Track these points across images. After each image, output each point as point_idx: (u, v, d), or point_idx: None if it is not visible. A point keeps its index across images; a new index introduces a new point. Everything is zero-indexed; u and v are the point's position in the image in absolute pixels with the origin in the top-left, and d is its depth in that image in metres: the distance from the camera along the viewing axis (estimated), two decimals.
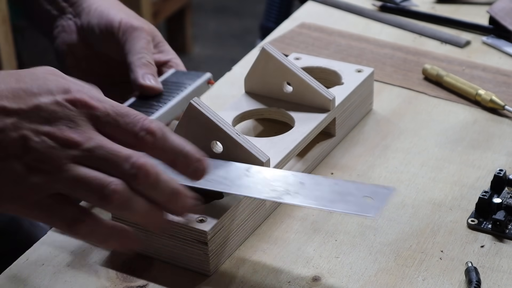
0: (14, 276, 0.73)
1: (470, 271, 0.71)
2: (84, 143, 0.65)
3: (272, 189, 0.71)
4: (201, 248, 0.71)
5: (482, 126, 0.91)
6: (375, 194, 0.69)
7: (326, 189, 0.70)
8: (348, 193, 0.69)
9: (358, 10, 1.16)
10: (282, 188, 0.70)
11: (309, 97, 0.85)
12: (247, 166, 0.74)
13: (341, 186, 0.70)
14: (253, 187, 0.71)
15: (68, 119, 0.65)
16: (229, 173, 0.73)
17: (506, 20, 1.08)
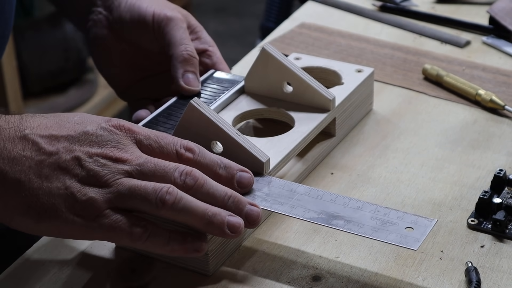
0: (14, 276, 0.73)
1: (470, 271, 0.71)
2: (134, 160, 0.69)
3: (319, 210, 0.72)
4: None
5: (482, 126, 0.91)
6: (416, 224, 0.70)
7: (367, 214, 0.71)
8: (389, 222, 0.70)
9: (358, 10, 1.16)
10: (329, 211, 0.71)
11: (309, 97, 0.85)
12: (289, 184, 0.74)
13: (382, 213, 0.71)
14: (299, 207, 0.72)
15: (115, 141, 0.69)
16: (271, 189, 0.74)
17: (506, 20, 1.08)
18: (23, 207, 0.67)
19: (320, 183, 0.83)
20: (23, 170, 0.67)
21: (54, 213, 0.67)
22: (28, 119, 0.69)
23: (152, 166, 0.69)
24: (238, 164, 0.74)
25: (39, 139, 0.68)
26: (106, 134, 0.69)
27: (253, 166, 0.76)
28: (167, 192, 0.67)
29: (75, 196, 0.67)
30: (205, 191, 0.69)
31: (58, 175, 0.67)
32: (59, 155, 0.68)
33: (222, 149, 0.77)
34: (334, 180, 0.83)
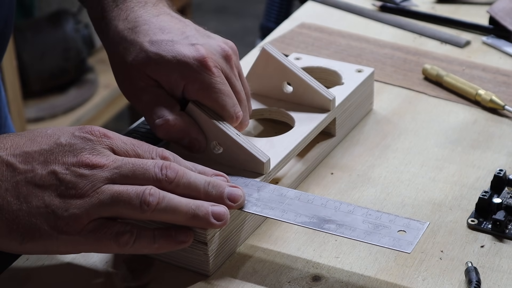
0: (14, 276, 0.73)
1: (470, 271, 0.71)
2: (111, 164, 0.68)
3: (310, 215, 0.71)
4: (201, 248, 0.71)
5: (482, 126, 0.91)
6: (409, 227, 0.69)
7: (359, 218, 0.71)
8: (381, 225, 0.70)
9: (358, 10, 1.16)
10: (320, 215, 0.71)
11: (309, 97, 0.85)
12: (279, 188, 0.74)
13: (374, 217, 0.71)
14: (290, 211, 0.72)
15: (90, 148, 0.68)
16: (261, 195, 0.74)
17: (506, 20, 1.08)
18: (6, 230, 0.66)
19: (320, 183, 0.83)
20: (1, 194, 0.66)
21: (38, 233, 0.66)
22: (1, 140, 0.68)
23: (131, 166, 0.68)
24: (239, 164, 0.74)
25: (13, 159, 0.67)
26: (80, 142, 0.68)
27: (253, 166, 0.76)
28: (150, 194, 0.67)
29: (56, 213, 0.66)
30: (186, 181, 0.69)
31: (37, 193, 0.66)
32: (34, 172, 0.67)
33: (222, 150, 0.77)
34: (334, 180, 0.83)
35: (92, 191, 0.67)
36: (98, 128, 0.70)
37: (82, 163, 0.67)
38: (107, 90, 2.22)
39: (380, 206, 0.80)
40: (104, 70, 2.28)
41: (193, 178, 0.69)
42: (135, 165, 0.68)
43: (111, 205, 0.67)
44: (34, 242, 0.67)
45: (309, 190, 0.82)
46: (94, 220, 0.67)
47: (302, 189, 0.82)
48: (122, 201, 0.66)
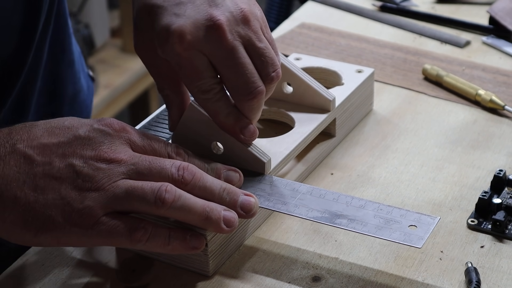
0: (14, 276, 0.73)
1: (470, 271, 0.71)
2: (128, 160, 0.68)
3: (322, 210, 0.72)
4: None
5: (482, 126, 0.91)
6: (420, 222, 0.70)
7: (370, 213, 0.71)
8: (392, 220, 0.70)
9: (358, 10, 1.16)
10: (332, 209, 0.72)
11: (309, 98, 0.85)
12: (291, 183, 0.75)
13: (385, 212, 0.71)
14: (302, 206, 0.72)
15: (109, 142, 0.68)
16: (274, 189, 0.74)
17: (506, 20, 1.08)
18: (21, 222, 0.66)
19: (320, 183, 0.83)
20: (19, 186, 0.66)
21: (52, 225, 0.66)
22: (17, 131, 0.68)
23: (147, 163, 0.68)
24: (240, 165, 0.74)
25: (31, 151, 0.67)
26: (99, 136, 0.68)
27: (254, 167, 0.76)
28: (166, 191, 0.67)
29: (71, 205, 0.66)
30: (202, 185, 0.69)
31: (53, 185, 0.66)
32: (52, 165, 0.67)
33: (223, 150, 0.77)
34: (334, 181, 0.83)
35: (107, 184, 0.67)
36: (117, 121, 0.70)
37: (100, 157, 0.67)
38: (107, 90, 2.22)
39: None
40: (104, 70, 2.28)
41: (210, 183, 0.70)
42: (152, 162, 0.68)
43: (125, 199, 0.67)
44: (48, 234, 0.67)
45: None
46: (108, 214, 0.67)
47: None
48: (137, 196, 0.67)
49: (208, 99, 0.73)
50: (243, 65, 0.71)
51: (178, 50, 0.71)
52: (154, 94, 2.43)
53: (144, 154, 0.70)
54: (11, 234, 0.67)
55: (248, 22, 0.72)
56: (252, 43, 0.72)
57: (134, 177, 0.68)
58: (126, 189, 0.67)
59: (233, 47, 0.71)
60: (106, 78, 2.26)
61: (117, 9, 2.45)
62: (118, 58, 2.36)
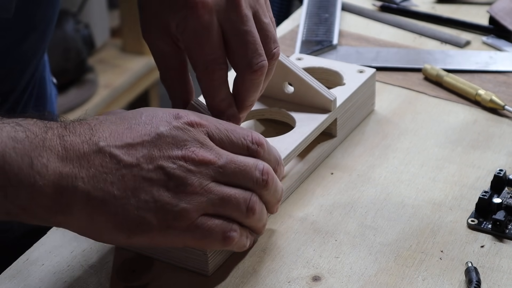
0: (14, 276, 0.73)
1: (470, 271, 0.71)
2: (217, 160, 0.68)
3: None
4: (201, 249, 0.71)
5: (482, 126, 0.91)
6: None
7: None
8: None
9: (358, 10, 1.16)
10: None
11: (310, 98, 0.85)
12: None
13: None
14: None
15: (193, 140, 0.67)
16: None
17: (506, 20, 1.08)
18: (112, 224, 0.65)
19: (321, 183, 0.83)
20: (106, 187, 0.64)
21: (146, 227, 0.65)
22: (98, 128, 0.66)
23: (233, 166, 0.68)
24: None
25: (116, 151, 0.65)
26: (181, 134, 0.67)
27: None
28: (256, 202, 0.69)
29: (166, 208, 0.65)
30: (274, 189, 0.71)
31: (144, 187, 0.65)
32: (140, 166, 0.65)
33: None
34: (334, 180, 0.83)
35: (200, 188, 0.67)
36: (193, 116, 0.69)
37: (188, 158, 0.67)
38: (107, 90, 2.22)
39: (380, 206, 0.80)
40: (104, 70, 2.28)
41: (279, 187, 0.72)
42: (237, 165, 0.68)
43: (220, 205, 0.67)
44: (142, 236, 0.66)
45: (310, 191, 0.82)
46: (201, 216, 0.67)
47: (302, 190, 0.82)
48: (231, 204, 0.68)
49: (211, 79, 0.73)
50: (252, 34, 0.72)
51: (200, 12, 0.71)
52: (154, 94, 2.43)
53: (222, 146, 0.69)
54: (101, 235, 0.67)
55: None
56: (259, 16, 0.74)
57: (221, 179, 0.68)
58: (221, 196, 0.67)
59: (246, 14, 0.72)
60: (106, 78, 2.26)
61: (117, 9, 2.45)
62: (118, 58, 2.36)
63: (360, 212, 0.79)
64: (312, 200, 0.81)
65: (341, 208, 0.80)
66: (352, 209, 0.80)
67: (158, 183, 0.66)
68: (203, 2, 0.71)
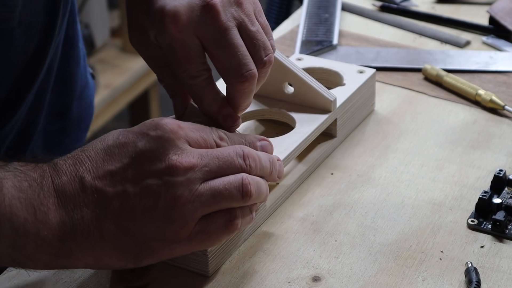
0: (14, 276, 0.73)
1: (470, 271, 0.71)
2: (199, 163, 0.67)
3: None
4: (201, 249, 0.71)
5: (482, 126, 0.91)
6: None
7: None
8: None
9: (358, 10, 1.16)
10: None
11: (310, 98, 0.85)
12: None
13: None
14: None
15: (172, 147, 0.66)
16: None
17: (506, 20, 1.08)
18: (116, 257, 0.66)
19: (321, 183, 0.83)
20: (101, 225, 0.64)
21: (151, 251, 0.66)
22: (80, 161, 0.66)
23: (217, 161, 0.68)
24: None
25: (100, 183, 0.65)
26: (159, 144, 0.66)
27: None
28: (249, 184, 0.68)
29: (164, 226, 0.65)
30: (260, 166, 0.71)
31: (138, 213, 0.65)
32: (127, 193, 0.65)
33: None
34: (334, 181, 0.83)
35: (191, 195, 0.66)
36: (167, 121, 0.67)
37: (172, 167, 0.66)
38: (107, 90, 2.22)
39: (380, 206, 0.80)
40: (104, 70, 2.28)
41: (264, 161, 0.71)
42: (220, 159, 0.68)
43: (213, 202, 0.67)
44: (149, 258, 0.66)
45: (310, 191, 0.82)
46: (200, 220, 0.67)
47: (302, 190, 0.82)
48: (225, 197, 0.67)
49: (195, 85, 0.72)
50: (235, 46, 0.71)
51: (172, 31, 0.70)
52: (154, 94, 2.43)
53: (199, 147, 0.69)
54: (110, 266, 0.67)
55: (241, 5, 0.72)
56: (245, 25, 0.72)
57: (209, 177, 0.67)
58: (211, 193, 0.67)
59: (227, 27, 0.71)
60: (106, 78, 2.26)
61: (117, 9, 2.45)
62: (118, 58, 2.36)
63: (360, 212, 0.79)
64: (312, 200, 0.81)
65: (341, 208, 0.80)
66: (352, 209, 0.80)
67: (149, 206, 0.65)
68: (175, 20, 0.70)
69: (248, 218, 0.70)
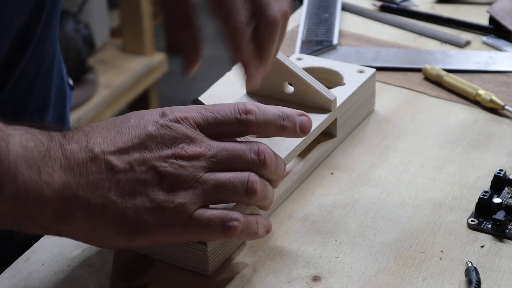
0: (14, 276, 0.73)
1: (470, 271, 0.71)
2: (206, 152, 0.68)
3: None
4: (200, 249, 0.71)
5: (482, 126, 0.91)
6: None
7: None
8: None
9: (358, 10, 1.16)
10: None
11: (310, 98, 0.85)
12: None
13: None
14: None
15: (182, 136, 0.68)
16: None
17: (506, 20, 1.08)
18: (113, 229, 0.66)
19: (321, 183, 0.83)
20: (104, 194, 0.65)
21: (146, 228, 0.66)
22: (91, 134, 0.67)
23: (226, 153, 0.69)
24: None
25: (110, 157, 0.66)
26: (169, 132, 0.68)
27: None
28: (255, 181, 0.68)
29: (162, 206, 0.66)
30: (274, 166, 0.70)
31: (140, 189, 0.66)
32: (134, 170, 0.66)
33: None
34: (334, 180, 0.83)
35: (194, 181, 0.67)
36: (178, 112, 0.69)
37: (178, 154, 0.67)
38: (107, 90, 2.22)
39: (380, 206, 0.80)
40: (104, 70, 2.28)
41: (279, 162, 0.71)
42: (230, 152, 0.69)
43: (216, 193, 0.68)
44: (143, 237, 0.67)
45: (310, 191, 0.82)
46: (199, 208, 0.67)
47: (302, 189, 0.82)
48: (227, 189, 0.68)
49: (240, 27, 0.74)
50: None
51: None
52: (154, 94, 2.43)
53: (212, 131, 0.69)
54: (103, 241, 0.68)
55: None
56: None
57: (216, 168, 0.68)
58: (216, 184, 0.67)
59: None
60: (106, 78, 2.26)
61: (117, 9, 2.45)
62: (118, 58, 2.36)
63: (360, 212, 0.79)
64: (312, 200, 0.81)
65: (341, 208, 0.80)
66: (352, 209, 0.80)
67: (152, 183, 0.66)
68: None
69: (251, 228, 0.70)
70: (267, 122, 0.71)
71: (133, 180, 0.66)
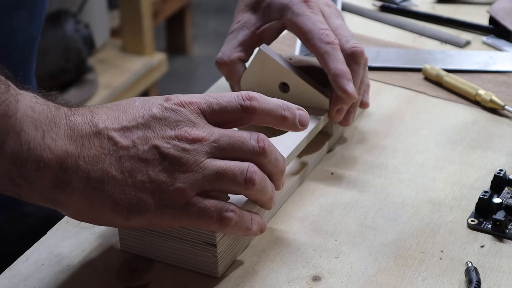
0: (14, 276, 0.73)
1: (470, 271, 0.71)
2: (209, 137, 0.69)
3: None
4: (210, 250, 0.71)
5: (482, 126, 0.91)
6: None
7: None
8: None
9: (358, 10, 1.16)
10: None
11: (306, 97, 0.85)
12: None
13: None
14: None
15: (186, 120, 0.69)
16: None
17: (506, 20, 1.08)
18: (111, 206, 0.66)
19: (320, 183, 0.83)
20: (105, 168, 0.66)
21: (144, 207, 0.67)
22: (96, 111, 0.68)
23: (227, 139, 0.69)
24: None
25: (114, 133, 0.67)
26: (173, 115, 0.68)
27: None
28: (254, 172, 0.68)
29: (162, 187, 0.67)
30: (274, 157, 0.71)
31: (141, 167, 0.67)
32: (136, 148, 0.67)
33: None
34: (334, 180, 0.83)
35: (195, 165, 0.67)
36: (182, 97, 0.70)
37: (181, 137, 0.68)
38: (107, 90, 2.22)
39: (380, 206, 0.80)
40: (104, 70, 2.28)
41: (278, 155, 0.72)
42: (231, 138, 0.69)
43: (216, 180, 0.68)
44: (140, 216, 0.67)
45: (310, 191, 0.82)
46: (198, 194, 0.68)
47: (302, 190, 0.82)
48: (227, 178, 0.68)
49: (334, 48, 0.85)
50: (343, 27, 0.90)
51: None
52: (154, 94, 2.43)
53: (215, 118, 0.70)
54: (100, 217, 0.68)
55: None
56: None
57: (217, 154, 0.69)
58: (216, 170, 0.68)
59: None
60: (106, 78, 2.26)
61: (117, 9, 2.45)
62: (118, 58, 2.36)
63: (360, 212, 0.79)
64: (312, 200, 0.81)
65: (341, 208, 0.80)
66: (352, 209, 0.80)
67: (154, 163, 0.67)
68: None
69: (245, 222, 0.70)
70: (269, 111, 0.71)
71: (135, 158, 0.67)
